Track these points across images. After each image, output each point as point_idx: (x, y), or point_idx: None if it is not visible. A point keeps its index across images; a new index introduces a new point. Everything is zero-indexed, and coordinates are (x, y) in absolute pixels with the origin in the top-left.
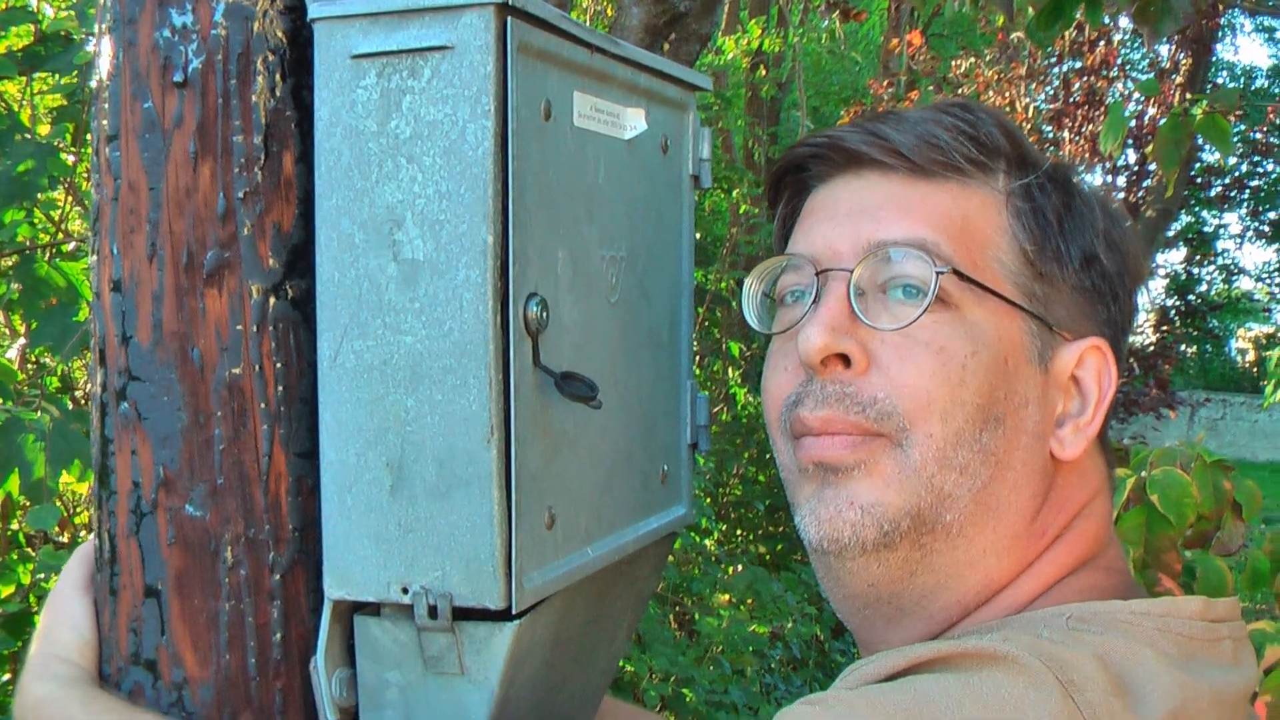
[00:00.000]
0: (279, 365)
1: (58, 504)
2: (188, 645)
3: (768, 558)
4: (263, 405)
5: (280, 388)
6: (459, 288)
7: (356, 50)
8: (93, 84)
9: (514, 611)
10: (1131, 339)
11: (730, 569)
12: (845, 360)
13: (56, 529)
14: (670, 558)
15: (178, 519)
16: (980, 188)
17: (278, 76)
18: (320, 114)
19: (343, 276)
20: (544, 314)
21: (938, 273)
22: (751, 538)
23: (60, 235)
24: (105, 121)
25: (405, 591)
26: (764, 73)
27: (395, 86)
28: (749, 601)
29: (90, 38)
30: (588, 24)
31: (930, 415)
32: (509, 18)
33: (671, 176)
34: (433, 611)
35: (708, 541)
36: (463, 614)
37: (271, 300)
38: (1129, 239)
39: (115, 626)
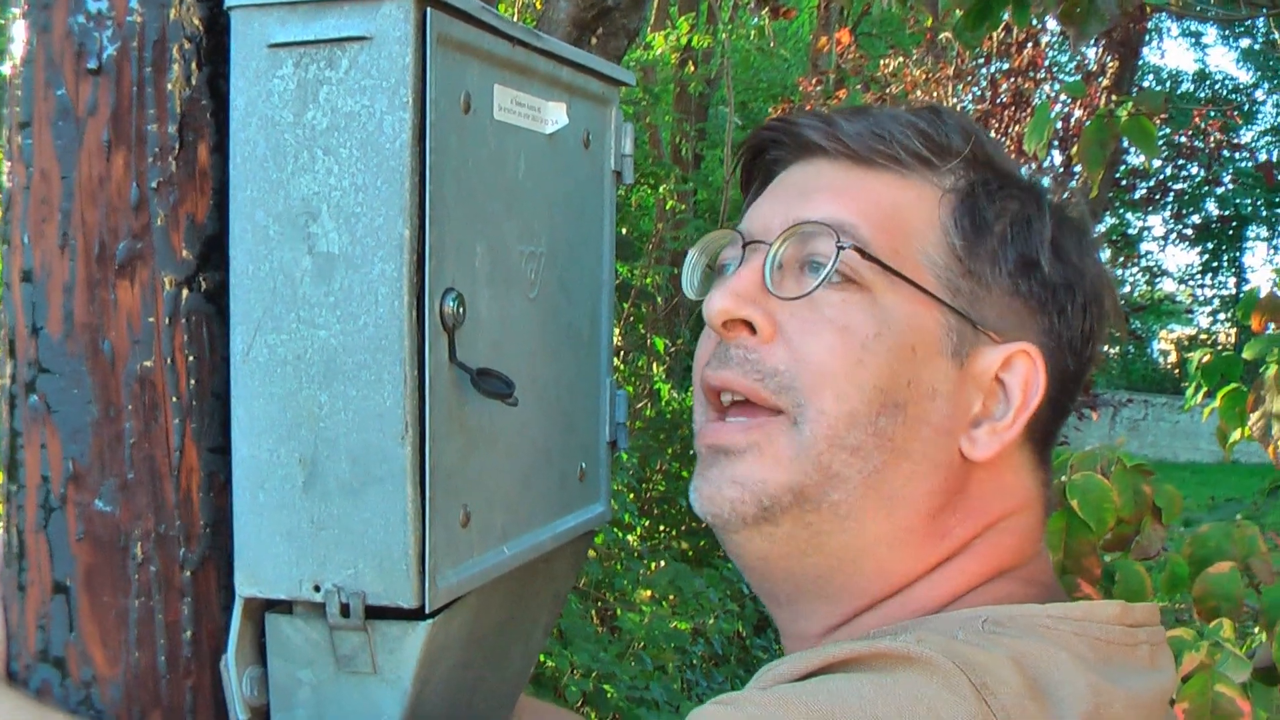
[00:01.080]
0: (191, 359)
1: None
2: (96, 642)
3: (690, 554)
4: (174, 399)
5: (192, 381)
6: (374, 282)
7: (274, 39)
8: (5, 70)
9: (428, 610)
10: None
11: (653, 565)
12: (750, 328)
13: None
14: (592, 553)
15: (87, 514)
16: (920, 182)
17: (194, 65)
18: (236, 104)
19: (257, 269)
20: (461, 309)
21: (839, 248)
22: (674, 534)
23: None
24: (18, 108)
25: (317, 589)
26: (693, 69)
27: (312, 77)
28: (671, 598)
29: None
30: (516, 17)
31: (825, 392)
32: (428, 9)
33: (593, 171)
34: (345, 610)
35: (630, 537)
36: (376, 613)
37: (184, 292)
38: (1088, 254)
39: (23, 623)
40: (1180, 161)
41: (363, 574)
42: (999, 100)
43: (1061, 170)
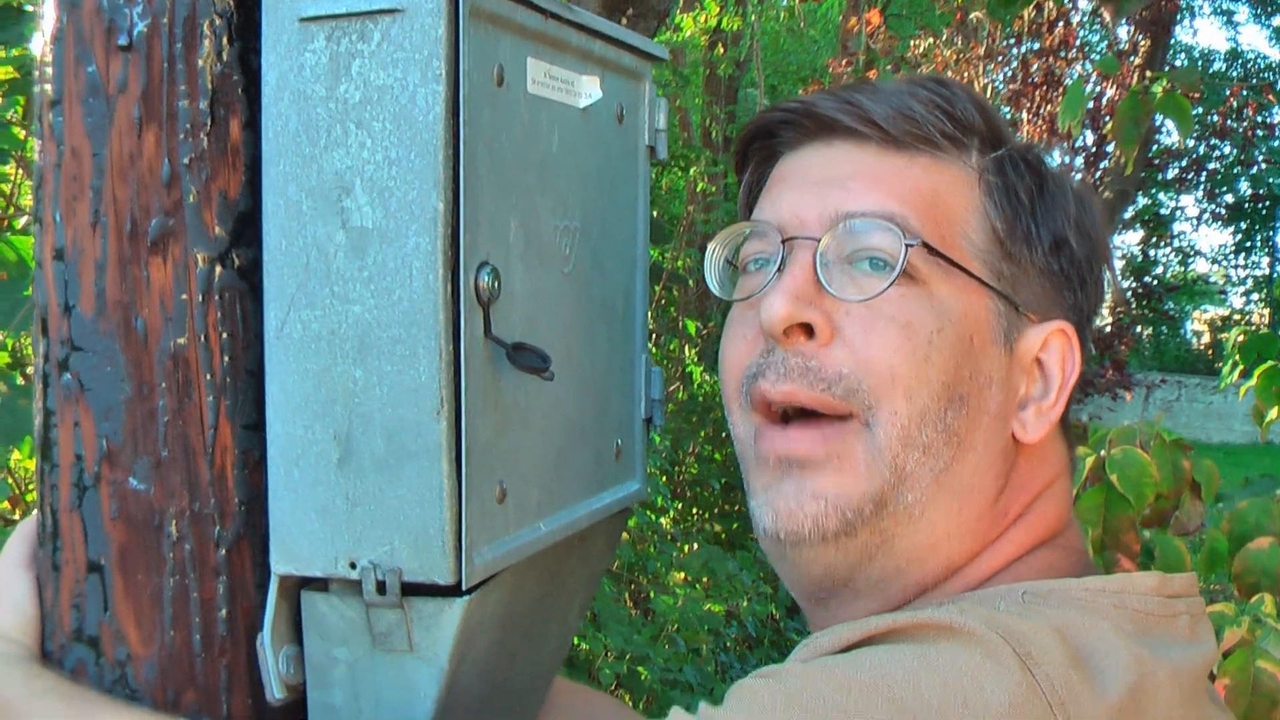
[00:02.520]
0: (225, 336)
1: (8, 481)
2: (131, 622)
3: (723, 536)
4: (208, 377)
5: (226, 359)
6: (408, 256)
7: (305, 13)
8: (35, 48)
9: (464, 587)
10: None
11: (686, 547)
12: (808, 331)
13: (7, 505)
14: (625, 536)
15: (121, 493)
16: (953, 163)
17: (224, 40)
18: (267, 78)
19: (290, 245)
20: (495, 284)
21: (907, 245)
22: (707, 516)
23: (11, 210)
24: (48, 86)
25: (353, 567)
26: (722, 51)
27: (344, 50)
28: (704, 580)
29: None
30: None
31: (895, 392)
32: None
33: (627, 146)
34: (381, 587)
35: (663, 520)
36: (412, 589)
37: (217, 269)
38: (1098, 225)
39: (57, 603)
40: (1213, 141)
41: (398, 551)
42: (1030, 80)
43: (1094, 149)
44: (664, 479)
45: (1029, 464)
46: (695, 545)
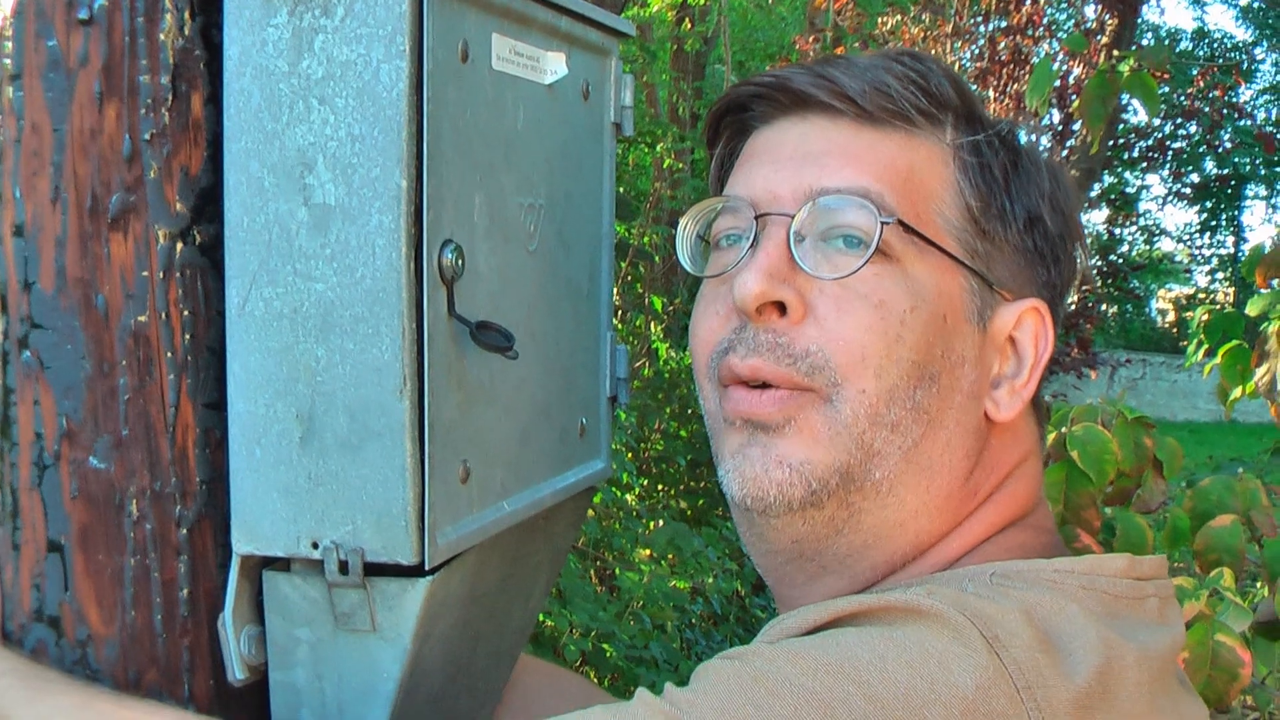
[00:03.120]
0: (186, 313)
1: None
2: (92, 601)
3: (689, 513)
4: (169, 355)
5: (187, 336)
6: (371, 234)
7: None
8: None
9: (427, 567)
10: None
11: (651, 524)
12: (781, 308)
13: None
14: (591, 512)
15: (81, 471)
16: (928, 139)
17: (186, 14)
18: (230, 53)
19: (252, 221)
20: (459, 261)
21: (882, 223)
22: (673, 493)
23: None
24: (8, 61)
25: (315, 546)
26: (689, 26)
27: (307, 25)
28: (670, 557)
29: None
30: None
31: (865, 371)
32: None
33: (593, 123)
34: (343, 567)
35: (629, 497)
36: (374, 569)
37: (179, 246)
38: (1072, 202)
39: (17, 583)
40: (1179, 120)
41: (361, 530)
42: (998, 58)
43: (1061, 128)
44: (629, 455)
45: (1000, 442)
46: (661, 522)
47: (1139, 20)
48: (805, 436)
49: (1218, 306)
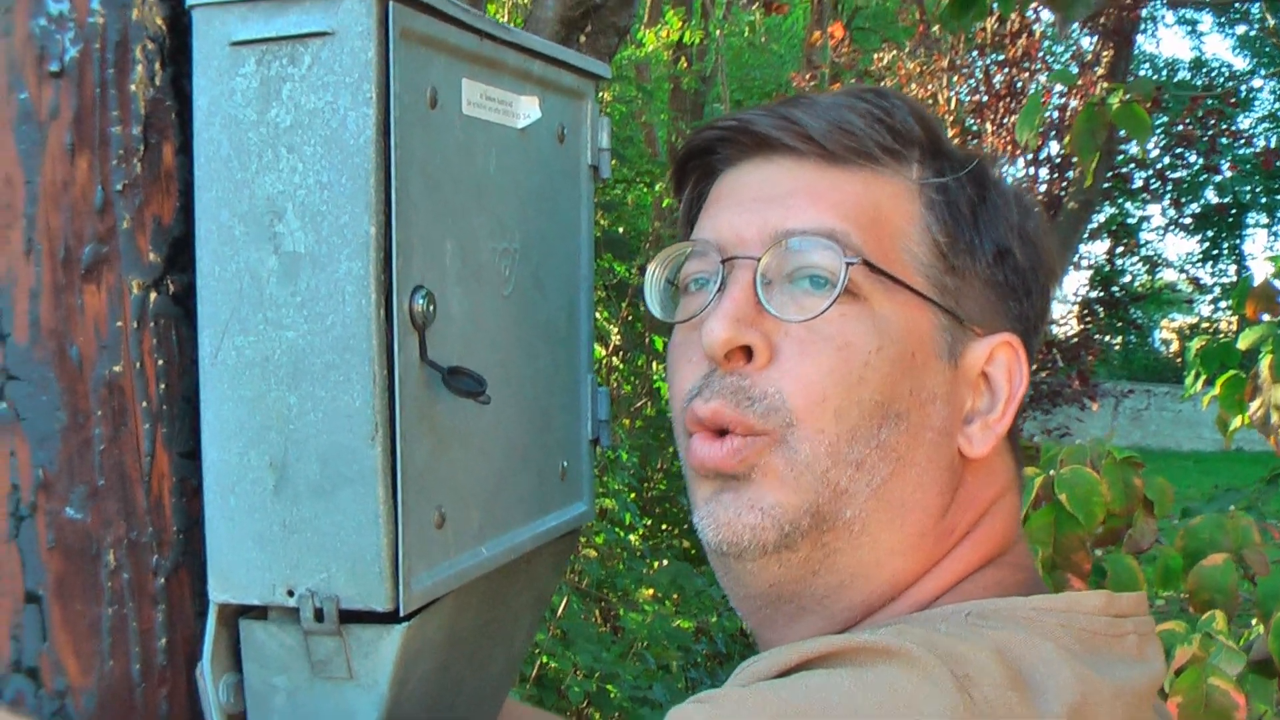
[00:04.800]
0: (160, 363)
1: None
2: (70, 652)
3: (692, 552)
4: (144, 404)
5: (162, 386)
6: (340, 281)
7: (235, 37)
8: None
9: (402, 613)
10: (1055, 330)
11: (654, 564)
12: (748, 353)
13: None
14: (594, 553)
15: (57, 522)
16: (893, 177)
17: (157, 65)
18: (199, 103)
19: (223, 270)
20: (430, 307)
21: (847, 263)
22: (675, 532)
23: None
24: None
25: (291, 594)
26: (686, 65)
27: (275, 74)
28: (674, 596)
29: None
30: (505, 16)
31: (824, 412)
32: (391, 2)
33: (569, 166)
34: (319, 614)
35: (632, 536)
36: (350, 616)
37: (152, 295)
38: (1043, 233)
39: None
40: (1179, 150)
41: (335, 577)
42: (994, 92)
43: (1059, 160)
44: (632, 495)
45: (976, 479)
46: (664, 561)
47: (1135, 51)
48: (771, 480)
49: (1219, 336)
